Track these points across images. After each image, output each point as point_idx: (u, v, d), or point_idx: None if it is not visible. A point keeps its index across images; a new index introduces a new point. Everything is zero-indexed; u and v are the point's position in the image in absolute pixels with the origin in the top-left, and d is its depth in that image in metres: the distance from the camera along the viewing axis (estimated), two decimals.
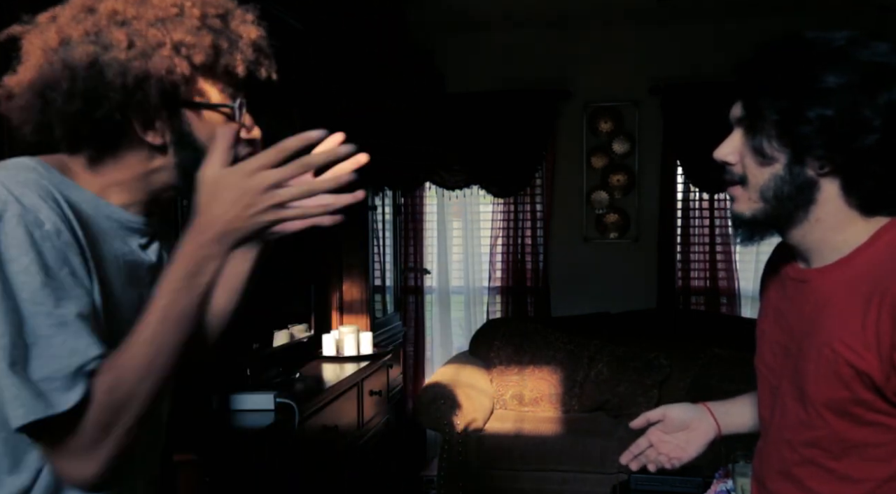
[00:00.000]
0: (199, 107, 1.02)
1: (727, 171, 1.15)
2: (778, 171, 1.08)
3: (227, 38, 1.02)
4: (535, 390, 4.14)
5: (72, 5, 1.01)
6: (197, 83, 1.01)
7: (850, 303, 1.05)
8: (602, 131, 4.73)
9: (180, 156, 1.03)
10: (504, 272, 4.83)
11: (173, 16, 0.98)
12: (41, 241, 0.92)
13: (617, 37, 4.67)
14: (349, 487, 2.98)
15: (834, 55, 1.05)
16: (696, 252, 4.67)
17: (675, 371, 4.06)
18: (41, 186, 0.95)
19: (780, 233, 1.15)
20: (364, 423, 3.13)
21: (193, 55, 0.98)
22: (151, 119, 1.00)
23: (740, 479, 2.23)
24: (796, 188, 1.08)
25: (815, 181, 1.08)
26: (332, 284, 3.38)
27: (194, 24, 0.99)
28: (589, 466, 3.70)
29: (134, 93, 0.96)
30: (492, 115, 4.68)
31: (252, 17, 1.05)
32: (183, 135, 1.02)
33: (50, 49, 0.97)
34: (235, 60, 1.02)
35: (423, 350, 4.96)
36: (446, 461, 3.79)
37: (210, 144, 0.99)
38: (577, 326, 4.37)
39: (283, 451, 2.33)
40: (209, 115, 1.03)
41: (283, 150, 0.95)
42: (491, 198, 4.84)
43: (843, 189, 1.08)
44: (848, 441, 1.08)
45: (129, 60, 0.96)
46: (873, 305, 1.02)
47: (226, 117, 1.04)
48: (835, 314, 1.07)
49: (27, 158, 1.01)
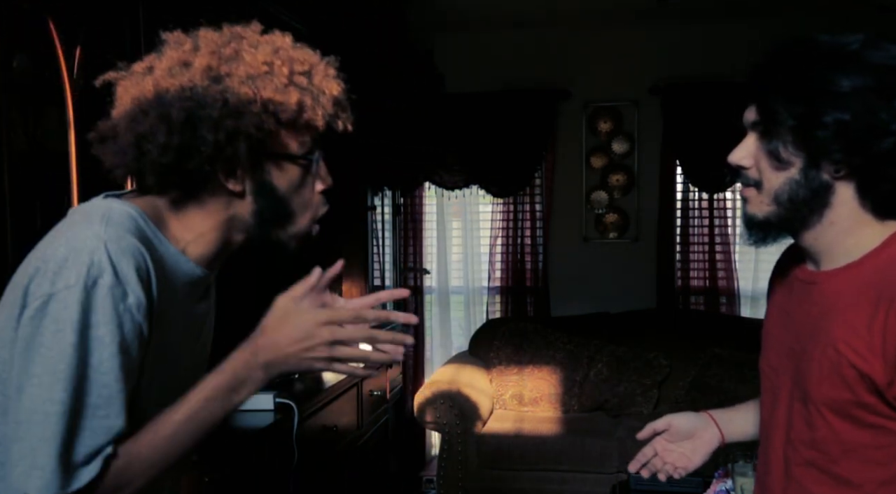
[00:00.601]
0: (281, 158, 1.07)
1: (741, 175, 1.15)
2: (793, 175, 1.09)
3: (311, 95, 1.05)
4: (535, 390, 4.14)
5: (168, 57, 1.04)
6: (280, 136, 1.06)
7: (858, 307, 1.05)
8: (602, 131, 4.73)
9: (259, 204, 1.08)
10: (504, 272, 4.83)
11: (263, 73, 1.02)
12: (123, 314, 0.95)
13: (617, 37, 4.67)
14: (349, 487, 2.98)
15: (848, 58, 1.04)
16: (695, 252, 4.66)
17: (675, 371, 4.06)
18: (137, 253, 0.98)
19: (792, 235, 1.16)
20: (364, 423, 3.13)
21: (280, 112, 1.03)
22: (235, 168, 1.04)
23: (740, 479, 2.23)
24: (812, 192, 1.08)
25: (831, 185, 1.08)
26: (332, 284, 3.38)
27: (283, 82, 1.03)
28: (588, 466, 3.70)
29: (224, 148, 1.01)
30: (491, 115, 4.68)
31: (334, 71, 1.10)
32: (263, 184, 1.07)
33: (146, 100, 1.01)
34: (317, 115, 1.06)
35: (423, 350, 4.96)
36: (446, 461, 3.79)
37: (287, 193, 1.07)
38: (576, 326, 4.37)
39: (283, 451, 2.33)
40: (288, 166, 1.08)
41: (361, 318, 1.03)
42: (490, 198, 4.84)
43: (858, 192, 1.08)
44: (847, 443, 1.09)
45: (222, 118, 1.00)
46: (881, 310, 1.02)
47: (302, 168, 1.09)
48: (841, 316, 1.07)
49: (130, 207, 1.03)
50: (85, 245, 0.95)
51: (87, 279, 0.93)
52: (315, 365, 1.03)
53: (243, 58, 1.02)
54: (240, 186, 1.06)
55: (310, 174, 1.10)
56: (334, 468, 2.81)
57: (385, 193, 4.01)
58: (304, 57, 1.07)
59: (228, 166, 1.04)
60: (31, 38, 1.53)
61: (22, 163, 1.51)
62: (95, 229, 0.97)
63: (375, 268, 3.79)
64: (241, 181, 1.06)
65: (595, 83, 4.70)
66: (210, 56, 1.02)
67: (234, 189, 1.06)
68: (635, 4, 4.25)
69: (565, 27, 4.66)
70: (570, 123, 4.75)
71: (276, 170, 1.07)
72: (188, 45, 1.05)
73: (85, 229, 0.97)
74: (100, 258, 0.94)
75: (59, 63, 1.58)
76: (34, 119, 1.55)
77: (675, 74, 4.57)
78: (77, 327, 0.92)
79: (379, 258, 3.89)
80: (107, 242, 0.96)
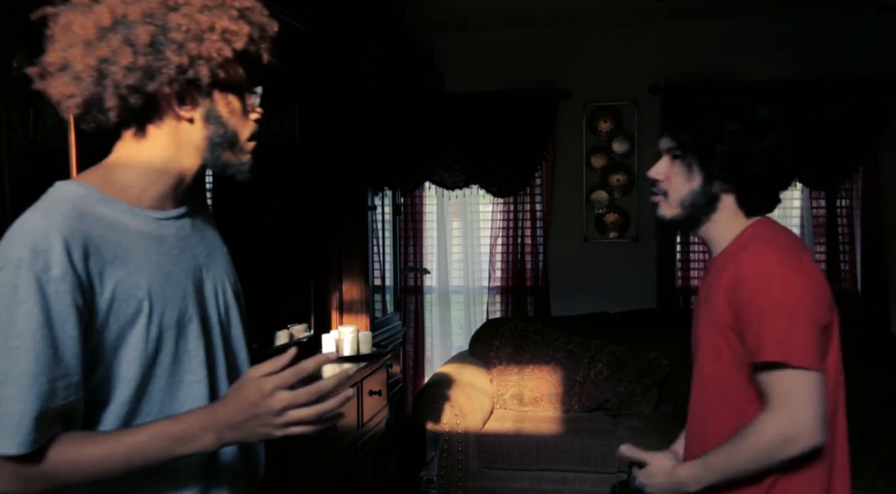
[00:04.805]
0: (231, 89, 1.15)
1: (655, 186, 1.60)
2: (695, 188, 1.53)
3: (258, 29, 1.14)
4: (535, 390, 4.14)
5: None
6: (228, 67, 1.13)
7: (724, 272, 1.49)
8: (602, 131, 4.73)
9: (209, 130, 1.15)
10: (504, 272, 4.83)
11: (218, 5, 1.10)
12: (46, 285, 1.01)
13: (616, 36, 4.67)
14: (349, 487, 2.98)
15: (736, 111, 1.51)
16: (695, 251, 4.67)
17: (675, 371, 4.06)
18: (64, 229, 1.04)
19: (689, 230, 1.61)
20: (364, 423, 3.13)
21: (235, 42, 1.11)
22: (189, 94, 1.12)
23: None
24: (706, 199, 1.54)
25: (719, 195, 1.54)
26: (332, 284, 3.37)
27: (234, 14, 1.11)
28: (589, 465, 3.70)
29: (186, 71, 1.08)
30: (491, 115, 4.68)
31: (267, 11, 1.18)
32: (211, 110, 1.14)
33: (102, 27, 1.06)
34: (261, 50, 1.16)
35: (423, 350, 4.96)
36: (446, 461, 3.80)
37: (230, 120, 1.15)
38: (576, 326, 4.36)
39: (283, 451, 2.33)
40: (230, 96, 1.16)
41: (300, 372, 1.08)
42: (491, 198, 4.84)
43: (737, 201, 1.54)
44: (722, 374, 1.51)
45: (185, 41, 1.07)
46: (729, 270, 1.47)
47: (241, 100, 1.17)
48: (718, 281, 1.50)
49: (73, 184, 1.12)
50: (13, 233, 1.04)
51: (13, 261, 1.01)
52: (272, 433, 1.07)
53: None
54: (190, 113, 1.13)
55: (247, 105, 1.19)
56: (334, 468, 2.81)
57: (385, 193, 4.00)
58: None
59: (184, 91, 1.11)
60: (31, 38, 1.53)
61: (22, 163, 1.51)
62: (24, 218, 1.06)
63: (375, 268, 3.79)
64: (192, 109, 1.13)
65: (595, 83, 4.71)
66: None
67: (185, 115, 1.13)
68: (635, 4, 4.25)
69: (565, 27, 4.66)
70: (570, 123, 4.75)
71: (221, 100, 1.15)
72: None
73: (20, 221, 1.06)
74: (23, 242, 1.02)
75: None
76: (34, 119, 1.55)
77: (674, 74, 4.57)
78: (8, 305, 1.00)
79: (379, 258, 3.89)
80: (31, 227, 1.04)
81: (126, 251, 1.10)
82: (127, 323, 1.08)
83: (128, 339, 1.08)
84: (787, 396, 1.39)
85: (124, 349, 1.08)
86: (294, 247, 3.15)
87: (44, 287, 1.00)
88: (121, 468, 1.05)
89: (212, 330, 1.21)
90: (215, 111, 1.15)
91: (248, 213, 2.73)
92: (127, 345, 1.09)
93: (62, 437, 1.04)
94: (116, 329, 1.08)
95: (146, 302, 1.10)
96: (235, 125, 1.17)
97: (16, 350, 1.00)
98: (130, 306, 1.08)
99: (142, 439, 1.05)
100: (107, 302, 1.06)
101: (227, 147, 1.17)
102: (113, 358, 1.08)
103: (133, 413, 1.11)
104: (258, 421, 1.06)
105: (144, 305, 1.09)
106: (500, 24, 4.62)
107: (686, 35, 4.59)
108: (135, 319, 1.09)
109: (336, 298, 3.38)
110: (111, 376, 1.09)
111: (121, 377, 1.09)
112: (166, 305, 1.12)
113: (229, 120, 1.16)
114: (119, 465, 1.05)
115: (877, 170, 4.48)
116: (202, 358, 1.17)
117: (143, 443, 1.05)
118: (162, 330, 1.11)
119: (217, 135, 1.15)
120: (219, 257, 1.28)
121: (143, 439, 1.05)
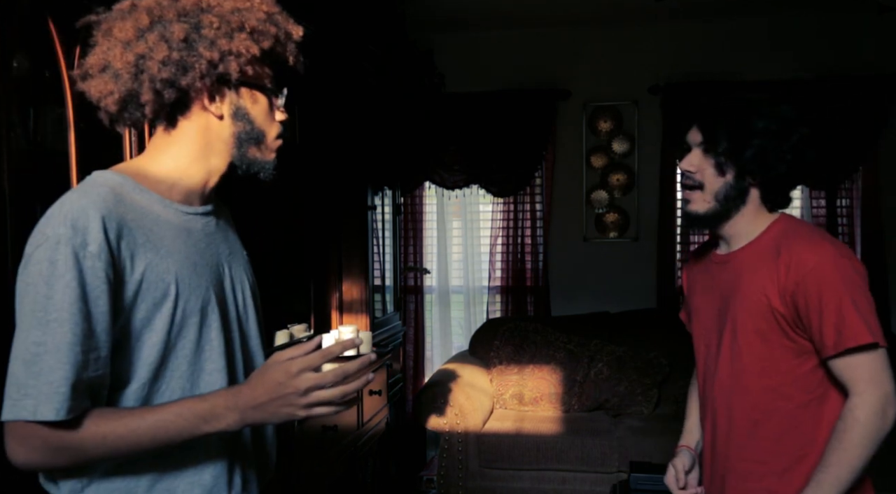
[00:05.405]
0: (259, 87, 1.22)
1: (688, 177, 1.66)
2: (729, 181, 1.60)
3: (284, 32, 1.21)
4: (535, 389, 4.14)
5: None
6: (256, 66, 1.20)
7: (763, 264, 1.56)
8: (602, 131, 4.73)
9: (237, 126, 1.21)
10: (504, 271, 4.83)
11: (247, 8, 1.17)
12: (83, 260, 1.05)
13: (616, 36, 4.67)
14: (349, 487, 2.98)
15: (766, 109, 1.57)
16: None
17: (675, 370, 4.06)
18: (103, 208, 1.09)
19: (716, 225, 1.65)
20: (364, 423, 3.13)
21: (262, 41, 1.18)
22: (220, 90, 1.19)
23: None
24: (738, 192, 1.60)
25: (748, 189, 1.61)
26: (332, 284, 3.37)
27: (262, 17, 1.18)
28: (589, 465, 3.70)
29: (217, 66, 1.15)
30: (491, 115, 4.68)
31: (292, 18, 1.25)
32: (240, 108, 1.21)
33: (141, 28, 1.13)
34: (287, 52, 1.23)
35: (423, 349, 4.96)
36: (446, 460, 3.80)
37: (257, 118, 1.21)
38: (576, 326, 4.37)
39: (283, 451, 2.33)
40: (258, 95, 1.23)
41: (327, 354, 1.10)
42: (491, 198, 4.84)
43: (762, 195, 1.61)
44: (767, 359, 1.55)
45: (217, 38, 1.14)
46: (781, 260, 1.53)
47: (268, 100, 1.24)
48: (748, 275, 1.58)
49: (111, 173, 1.17)
50: (53, 212, 1.09)
51: (53, 237, 1.05)
52: (295, 414, 1.10)
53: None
54: (220, 110, 1.19)
55: (274, 106, 1.25)
56: (334, 468, 2.81)
57: (385, 193, 4.00)
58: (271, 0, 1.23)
59: (214, 88, 1.18)
60: (31, 38, 1.53)
61: (22, 163, 1.51)
62: (64, 198, 1.11)
63: (375, 268, 3.79)
64: (221, 106, 1.19)
65: (595, 83, 4.71)
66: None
67: (215, 112, 1.19)
68: (634, 4, 4.25)
69: (565, 27, 4.66)
70: (570, 123, 4.75)
71: (249, 98, 1.22)
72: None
73: (59, 201, 1.11)
74: (62, 219, 1.06)
75: (59, 63, 1.58)
76: (34, 119, 1.55)
77: (674, 74, 4.57)
78: (47, 279, 1.04)
79: (379, 258, 3.89)
80: (70, 206, 1.08)
81: (157, 237, 1.14)
82: (154, 306, 1.12)
83: (153, 322, 1.12)
84: (877, 375, 1.47)
85: (149, 331, 1.12)
86: (294, 246, 3.14)
87: (81, 262, 1.04)
88: (145, 444, 1.08)
89: (231, 324, 1.25)
90: (243, 108, 1.21)
91: (247, 213, 2.72)
92: (152, 328, 1.12)
93: (90, 412, 1.07)
94: (144, 309, 1.11)
95: (173, 287, 1.13)
96: (262, 123, 1.23)
97: (54, 322, 1.03)
98: (158, 289, 1.12)
99: (167, 416, 1.08)
100: (136, 284, 1.10)
101: (254, 144, 1.23)
102: (137, 338, 1.12)
103: (150, 397, 1.14)
104: (283, 401, 1.09)
105: (172, 289, 1.13)
106: (499, 24, 4.62)
107: (686, 35, 4.59)
108: (162, 302, 1.12)
109: (336, 298, 3.38)
110: (133, 357, 1.12)
111: (142, 359, 1.12)
112: (191, 293, 1.16)
113: (256, 117, 1.22)
114: (144, 441, 1.08)
115: (877, 170, 4.48)
116: (222, 349, 1.20)
117: (168, 420, 1.08)
118: (185, 316, 1.15)
119: (244, 131, 1.21)
120: (239, 258, 1.33)
121: (168, 416, 1.08)
